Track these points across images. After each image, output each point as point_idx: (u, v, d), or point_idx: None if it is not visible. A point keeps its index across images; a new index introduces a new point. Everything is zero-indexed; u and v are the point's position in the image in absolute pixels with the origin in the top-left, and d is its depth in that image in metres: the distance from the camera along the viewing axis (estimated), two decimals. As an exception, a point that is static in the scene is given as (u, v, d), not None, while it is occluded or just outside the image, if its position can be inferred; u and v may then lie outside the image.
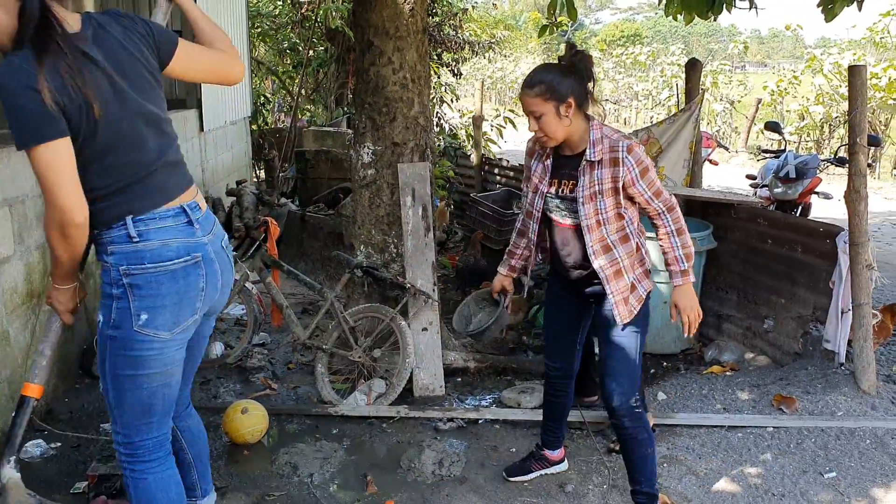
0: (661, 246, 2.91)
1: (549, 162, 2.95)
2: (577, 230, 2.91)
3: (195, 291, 2.25)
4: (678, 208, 2.90)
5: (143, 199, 2.16)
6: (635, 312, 2.91)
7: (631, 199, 2.86)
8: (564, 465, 3.51)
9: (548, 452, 3.46)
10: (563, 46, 2.89)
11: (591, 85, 2.82)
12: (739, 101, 18.38)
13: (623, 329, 2.91)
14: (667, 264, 2.91)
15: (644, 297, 2.94)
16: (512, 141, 11.34)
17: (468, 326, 3.45)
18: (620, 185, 2.79)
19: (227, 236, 2.44)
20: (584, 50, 2.83)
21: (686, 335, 2.92)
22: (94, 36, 2.06)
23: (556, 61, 2.86)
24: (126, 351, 2.21)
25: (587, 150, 2.81)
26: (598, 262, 2.86)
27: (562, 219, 2.95)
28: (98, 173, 2.11)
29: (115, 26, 2.12)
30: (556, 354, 3.27)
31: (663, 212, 2.87)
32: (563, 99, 2.73)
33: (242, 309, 5.11)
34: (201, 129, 8.14)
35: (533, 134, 2.90)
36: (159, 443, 2.40)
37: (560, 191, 2.92)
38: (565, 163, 2.91)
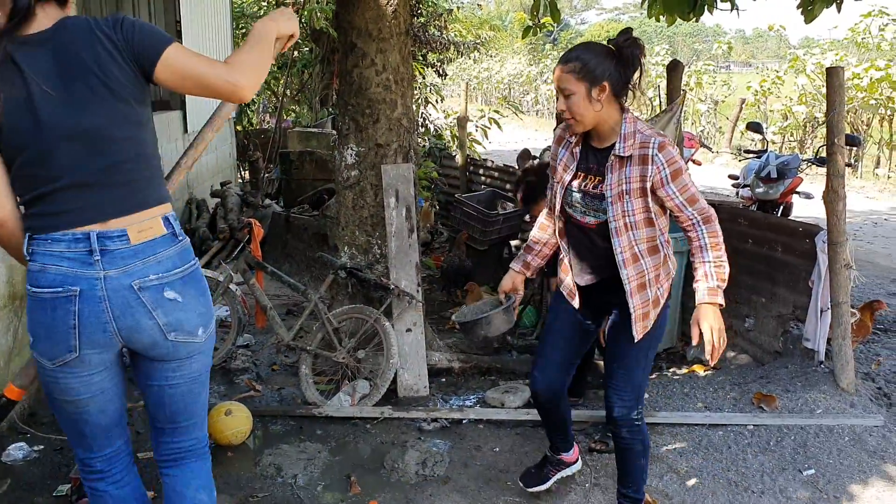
0: (691, 260, 2.65)
1: (577, 150, 2.73)
2: (596, 231, 2.71)
3: (64, 328, 2.00)
4: (716, 221, 2.63)
5: (41, 219, 2.00)
6: (649, 328, 2.73)
7: (662, 205, 2.65)
8: (579, 464, 3.37)
9: (564, 455, 3.29)
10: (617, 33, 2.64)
11: (636, 76, 2.62)
12: (723, 101, 18.48)
13: (636, 344, 2.72)
14: (695, 280, 2.63)
15: (661, 307, 2.76)
16: (497, 141, 11.38)
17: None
18: (649, 185, 2.57)
19: (162, 276, 2.07)
20: (638, 38, 2.61)
21: (710, 361, 2.62)
22: (53, 39, 1.95)
23: (605, 42, 2.65)
24: (37, 369, 2.13)
25: (616, 144, 2.60)
26: (625, 272, 2.65)
27: (580, 216, 2.74)
28: (12, 182, 2.04)
29: (84, 32, 1.97)
30: (549, 374, 2.98)
31: (698, 222, 2.60)
32: (597, 81, 2.54)
33: (226, 311, 5.11)
34: (185, 130, 8.14)
35: (562, 123, 2.73)
36: (110, 460, 2.28)
37: (583, 185, 2.70)
38: (593, 155, 2.70)
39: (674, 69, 5.36)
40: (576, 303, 2.87)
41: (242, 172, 11.04)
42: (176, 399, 2.22)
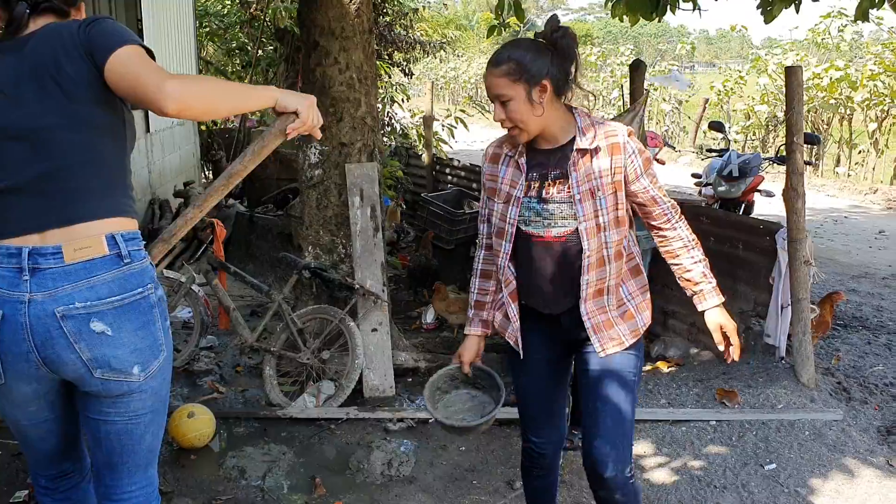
0: (679, 265, 2.38)
1: (522, 161, 2.32)
2: (566, 242, 2.28)
3: None
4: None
5: None
6: (626, 345, 2.33)
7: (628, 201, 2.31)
8: None
9: None
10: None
11: (573, 69, 2.27)
12: (687, 101, 18.69)
13: (615, 374, 2.33)
14: (693, 283, 2.38)
15: (641, 331, 2.39)
16: (463, 141, 11.38)
17: (445, 409, 2.62)
18: (622, 177, 2.24)
19: (91, 304, 1.82)
20: (567, 26, 2.27)
21: (728, 360, 2.43)
22: (25, 43, 1.86)
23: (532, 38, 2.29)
24: None
25: (577, 138, 2.24)
26: (585, 277, 2.26)
27: (542, 231, 2.29)
28: None
29: (50, 33, 1.86)
30: (545, 427, 2.54)
31: (673, 216, 2.32)
32: (535, 80, 2.17)
33: (189, 312, 5.05)
34: (147, 129, 8.02)
35: (493, 140, 2.41)
36: (55, 480, 2.15)
37: (543, 192, 2.28)
38: (545, 158, 2.30)
39: (636, 69, 5.39)
40: (521, 352, 2.45)
41: (206, 172, 10.93)
42: (112, 437, 1.97)
